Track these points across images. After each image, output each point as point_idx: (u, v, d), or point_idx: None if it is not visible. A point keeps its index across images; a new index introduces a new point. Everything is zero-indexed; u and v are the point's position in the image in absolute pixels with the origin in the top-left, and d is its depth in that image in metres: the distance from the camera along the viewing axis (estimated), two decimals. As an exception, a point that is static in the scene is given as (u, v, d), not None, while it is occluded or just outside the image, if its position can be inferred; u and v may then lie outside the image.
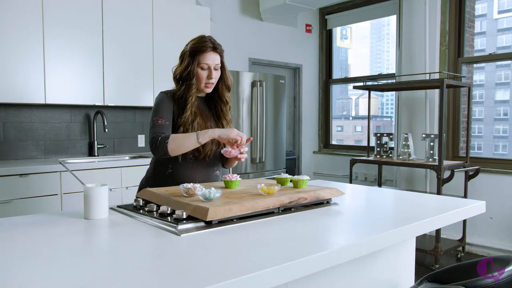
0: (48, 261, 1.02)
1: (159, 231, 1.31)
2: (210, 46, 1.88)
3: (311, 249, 1.12)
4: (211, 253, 1.10)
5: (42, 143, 3.53)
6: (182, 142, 1.77)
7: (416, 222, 1.44)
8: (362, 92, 7.40)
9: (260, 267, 0.97)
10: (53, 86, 3.24)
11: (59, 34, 3.25)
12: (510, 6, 10.29)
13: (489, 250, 3.90)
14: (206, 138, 1.78)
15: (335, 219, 1.51)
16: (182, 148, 1.79)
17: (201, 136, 1.77)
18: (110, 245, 1.22)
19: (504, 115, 9.95)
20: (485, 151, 6.95)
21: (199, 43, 1.88)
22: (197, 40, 1.90)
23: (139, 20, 3.70)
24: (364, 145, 5.81)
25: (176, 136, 1.79)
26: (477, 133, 6.79)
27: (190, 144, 1.78)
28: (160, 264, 1.02)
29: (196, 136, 1.77)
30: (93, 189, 1.44)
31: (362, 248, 1.23)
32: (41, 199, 2.94)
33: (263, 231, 1.32)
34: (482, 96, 7.39)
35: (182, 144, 1.78)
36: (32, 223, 1.40)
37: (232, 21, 4.83)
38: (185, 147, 1.79)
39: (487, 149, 7.13)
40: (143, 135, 4.14)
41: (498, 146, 7.66)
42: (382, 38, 12.09)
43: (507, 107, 10.14)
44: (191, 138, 1.77)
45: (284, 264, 1.00)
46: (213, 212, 1.32)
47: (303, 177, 1.74)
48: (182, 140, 1.78)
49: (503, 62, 4.26)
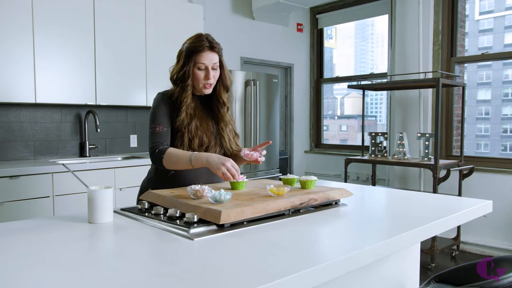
0: (56, 269, 0.96)
1: (169, 235, 1.25)
2: (207, 45, 1.80)
3: (331, 253, 1.08)
4: (229, 259, 1.06)
5: (32, 144, 3.43)
6: (176, 162, 1.74)
7: (431, 223, 1.41)
8: (347, 91, 7.43)
9: (283, 274, 0.93)
10: (44, 85, 3.15)
11: (50, 32, 3.16)
12: (491, 7, 10.46)
13: (483, 248, 3.93)
14: (199, 165, 1.70)
15: (347, 221, 1.48)
16: (176, 167, 1.76)
17: (194, 160, 1.70)
18: (120, 250, 1.16)
19: (485, 114, 10.11)
20: (468, 150, 7.12)
21: (195, 42, 1.81)
22: (194, 39, 1.82)
23: (132, 18, 3.63)
24: (352, 144, 5.84)
25: (170, 154, 1.74)
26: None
27: (184, 166, 1.73)
28: (177, 271, 0.97)
29: (190, 158, 1.70)
30: (98, 192, 1.38)
31: (383, 250, 1.20)
32: (33, 202, 2.85)
33: (277, 234, 1.28)
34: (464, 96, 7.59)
35: (175, 163, 1.74)
36: (35, 228, 1.34)
37: (224, 20, 4.77)
38: (179, 167, 1.75)
39: (469, 148, 7.32)
40: (135, 135, 4.06)
41: (480, 145, 7.81)
42: (367, 38, 12.17)
43: (488, 106, 10.31)
44: (184, 160, 1.71)
45: (306, 270, 0.96)
46: (226, 215, 1.28)
47: (311, 177, 1.71)
48: (176, 160, 1.73)
49: (484, 63, 4.30)
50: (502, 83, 7.05)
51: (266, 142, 1.85)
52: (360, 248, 1.12)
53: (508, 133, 11.50)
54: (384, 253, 1.21)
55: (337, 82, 5.95)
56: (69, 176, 2.99)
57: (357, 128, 7.98)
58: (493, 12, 7.78)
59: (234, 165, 1.65)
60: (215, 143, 1.87)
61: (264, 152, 1.84)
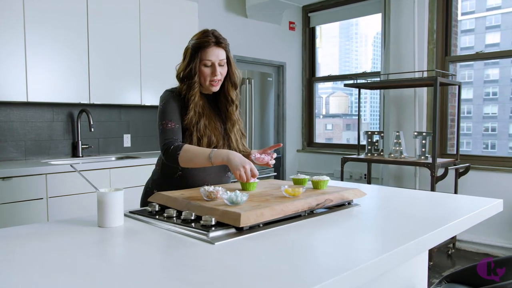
0: (71, 276, 0.90)
1: (187, 239, 1.20)
2: (213, 41, 1.76)
3: (364, 256, 1.04)
4: (256, 264, 1.01)
5: (23, 144, 3.32)
6: (193, 159, 1.66)
7: (448, 224, 1.39)
8: (332, 90, 7.43)
9: (319, 280, 0.89)
10: (36, 84, 3.05)
11: (42, 29, 3.06)
12: (472, 8, 10.64)
13: (479, 246, 3.96)
14: (219, 161, 1.64)
15: (366, 222, 1.44)
16: (192, 164, 1.68)
17: (213, 157, 1.64)
18: (137, 256, 1.10)
19: (467, 113, 10.30)
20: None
21: (201, 38, 1.76)
22: (199, 35, 1.77)
23: (126, 16, 3.54)
24: (339, 142, 5.86)
25: (188, 150, 1.67)
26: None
27: (201, 162, 1.66)
28: (202, 279, 0.91)
29: (209, 155, 1.64)
30: (108, 195, 1.32)
31: (412, 251, 1.17)
32: (26, 204, 2.75)
33: (297, 237, 1.24)
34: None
35: (192, 160, 1.66)
36: (43, 233, 1.27)
37: (217, 18, 4.71)
38: (196, 163, 1.67)
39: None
40: (129, 135, 3.97)
41: (462, 143, 8.02)
42: (351, 38, 12.24)
43: (470, 105, 10.49)
44: (203, 156, 1.65)
45: (343, 274, 0.92)
46: (245, 218, 1.23)
47: (324, 177, 1.67)
48: (194, 157, 1.66)
49: (466, 63, 4.34)
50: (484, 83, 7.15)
51: (277, 144, 1.81)
52: (390, 249, 1.09)
53: (490, 131, 11.72)
54: (413, 254, 1.18)
55: (329, 81, 5.93)
56: (63, 177, 2.90)
57: (342, 127, 8.01)
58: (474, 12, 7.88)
59: (253, 170, 1.60)
60: (223, 143, 1.82)
61: (275, 155, 1.79)
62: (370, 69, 5.69)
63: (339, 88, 7.68)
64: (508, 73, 10.72)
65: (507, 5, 10.47)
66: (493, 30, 11.00)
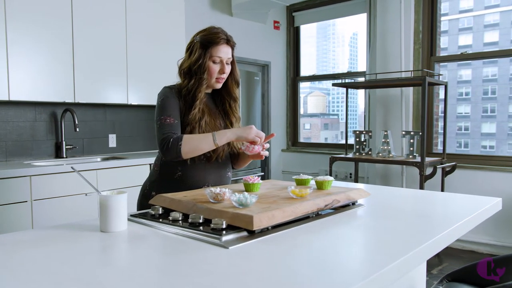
0: (78, 286, 0.85)
1: (197, 243, 1.15)
2: (224, 38, 1.73)
3: (388, 258, 1.02)
4: (281, 269, 0.96)
5: (3, 144, 3.19)
6: (198, 144, 1.61)
7: (462, 221, 1.38)
8: (310, 90, 7.45)
9: (348, 283, 0.85)
10: (18, 82, 2.93)
11: (24, 26, 2.94)
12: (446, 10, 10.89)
13: (465, 243, 4.01)
14: (224, 141, 1.64)
15: (375, 222, 1.42)
16: (197, 151, 1.63)
17: (218, 137, 1.62)
18: (150, 262, 1.04)
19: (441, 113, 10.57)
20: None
21: (211, 34, 1.72)
22: (209, 31, 1.74)
23: (112, 13, 3.44)
24: (322, 142, 5.88)
25: (190, 138, 1.63)
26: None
27: (206, 146, 1.63)
28: (226, 286, 0.87)
29: (213, 137, 1.62)
30: (111, 198, 1.26)
31: (429, 251, 1.15)
32: (9, 207, 2.64)
33: (311, 239, 1.20)
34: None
35: (197, 146, 1.62)
36: (44, 239, 1.19)
37: (203, 16, 4.64)
38: (200, 149, 1.63)
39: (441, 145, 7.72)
40: (114, 135, 3.86)
41: (438, 143, 8.25)
42: (328, 38, 12.33)
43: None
44: (207, 139, 1.62)
45: (372, 276, 0.89)
46: (258, 220, 1.19)
47: (328, 177, 1.64)
48: (198, 142, 1.62)
49: (442, 64, 4.43)
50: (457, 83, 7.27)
51: (270, 134, 1.76)
52: (411, 249, 1.06)
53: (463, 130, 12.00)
54: (432, 253, 1.16)
55: (314, 81, 5.93)
56: (48, 179, 2.79)
57: (320, 126, 8.05)
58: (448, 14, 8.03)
59: (259, 131, 1.66)
60: None
61: (267, 146, 1.74)
62: (347, 69, 5.72)
63: (317, 87, 7.72)
64: (480, 74, 11.03)
65: (479, 8, 10.77)
66: (466, 32, 11.33)
